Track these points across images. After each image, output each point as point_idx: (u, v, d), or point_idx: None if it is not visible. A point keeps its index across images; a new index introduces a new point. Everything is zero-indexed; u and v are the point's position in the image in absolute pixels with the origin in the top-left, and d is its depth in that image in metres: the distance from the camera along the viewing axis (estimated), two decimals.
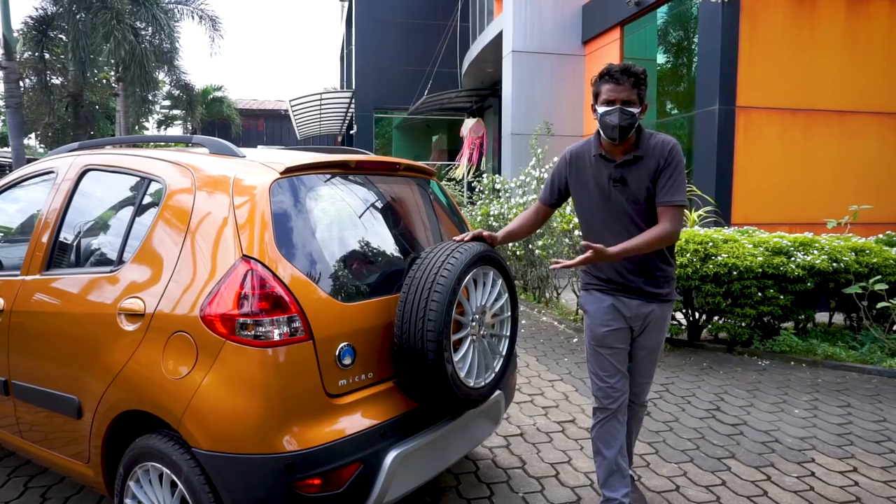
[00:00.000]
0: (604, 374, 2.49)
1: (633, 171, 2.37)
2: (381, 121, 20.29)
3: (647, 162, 2.35)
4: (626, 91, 2.29)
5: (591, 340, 2.53)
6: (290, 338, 1.92)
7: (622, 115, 2.28)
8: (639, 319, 2.47)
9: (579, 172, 2.50)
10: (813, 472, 3.12)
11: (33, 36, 17.01)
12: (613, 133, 2.32)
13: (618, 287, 2.46)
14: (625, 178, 2.37)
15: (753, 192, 7.92)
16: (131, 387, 2.07)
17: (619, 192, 2.38)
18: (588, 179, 2.47)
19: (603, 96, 2.34)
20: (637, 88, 2.31)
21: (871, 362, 4.91)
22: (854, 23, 8.15)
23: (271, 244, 1.98)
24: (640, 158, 2.35)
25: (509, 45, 11.54)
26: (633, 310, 2.45)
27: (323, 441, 1.94)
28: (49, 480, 2.98)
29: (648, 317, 2.47)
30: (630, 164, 2.37)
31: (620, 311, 2.46)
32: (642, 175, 2.35)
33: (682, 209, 2.33)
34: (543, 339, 5.94)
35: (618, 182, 2.38)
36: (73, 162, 2.70)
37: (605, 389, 2.49)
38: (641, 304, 2.45)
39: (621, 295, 2.45)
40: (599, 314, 2.48)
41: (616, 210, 2.40)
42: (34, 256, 2.58)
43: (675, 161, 2.33)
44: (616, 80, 2.30)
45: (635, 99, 2.30)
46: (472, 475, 3.06)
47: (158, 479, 2.07)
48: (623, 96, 2.29)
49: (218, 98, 30.89)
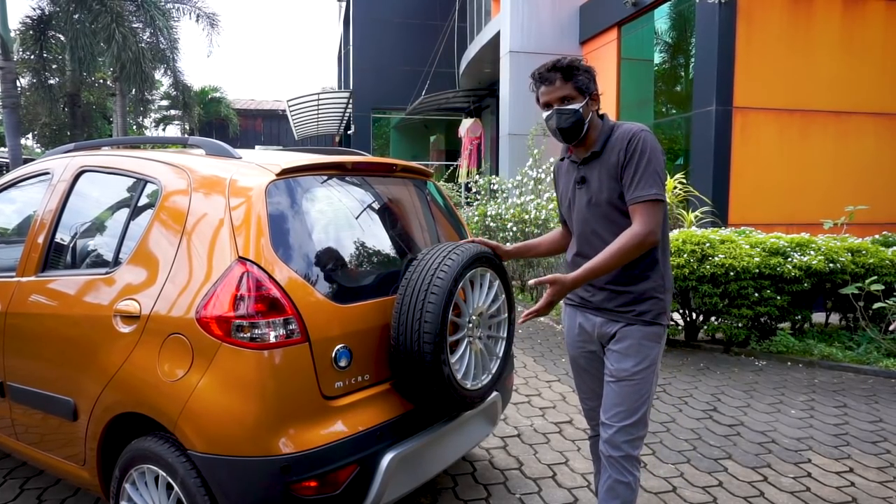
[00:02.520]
0: (582, 395, 2.35)
1: (593, 169, 2.08)
2: (378, 121, 20.29)
3: (607, 156, 2.04)
4: (560, 89, 2.03)
5: (569, 360, 2.37)
6: (287, 340, 1.91)
7: (560, 115, 2.04)
8: (603, 338, 2.13)
9: (558, 180, 2.32)
10: (809, 473, 3.12)
11: (31, 35, 16.96)
12: (558, 136, 2.09)
13: (581, 301, 2.19)
14: (585, 178, 2.11)
15: (750, 192, 7.93)
16: (127, 389, 2.07)
17: (583, 194, 2.11)
18: (564, 186, 2.25)
19: (541, 101, 2.10)
20: (571, 81, 2.02)
21: (868, 363, 4.93)
22: (850, 23, 8.17)
23: (267, 246, 1.97)
24: (599, 154, 2.06)
25: (507, 46, 11.54)
26: (597, 327, 2.13)
27: (319, 443, 1.93)
28: (45, 482, 2.97)
29: (613, 338, 2.08)
30: (590, 162, 2.10)
31: (586, 329, 2.18)
32: (601, 172, 2.05)
33: (658, 205, 1.94)
34: (541, 339, 5.94)
35: (580, 183, 2.12)
36: (68, 163, 2.69)
37: (586, 412, 2.37)
38: (605, 323, 2.10)
39: (587, 311, 2.17)
40: (570, 334, 2.28)
41: (580, 215, 2.13)
42: (30, 258, 2.58)
43: (639, 150, 1.96)
44: (544, 80, 2.07)
45: (573, 94, 2.02)
46: (469, 476, 3.05)
47: (154, 482, 2.07)
48: (556, 95, 2.04)
49: (216, 98, 30.88)
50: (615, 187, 2.02)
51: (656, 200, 1.94)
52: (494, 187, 8.73)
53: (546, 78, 2.06)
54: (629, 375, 2.03)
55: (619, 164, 2.00)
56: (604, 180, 2.04)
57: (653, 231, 1.93)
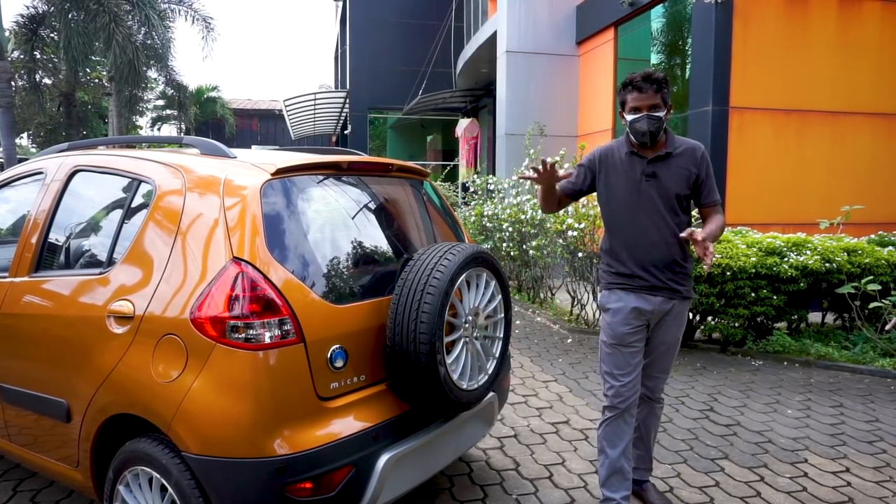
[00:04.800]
0: (619, 372, 2.53)
1: (663, 167, 2.51)
2: (375, 121, 20.26)
3: (678, 160, 2.51)
4: (651, 97, 2.43)
5: (610, 339, 2.57)
6: (281, 340, 1.90)
7: (650, 120, 2.43)
8: (659, 315, 2.55)
9: (609, 170, 2.60)
10: (806, 473, 3.12)
11: (24, 35, 16.88)
12: (644, 138, 2.46)
13: (642, 284, 2.53)
14: (656, 174, 2.50)
15: (747, 192, 7.94)
16: (121, 390, 2.05)
17: (651, 187, 2.50)
18: (619, 176, 2.57)
19: (629, 104, 2.48)
20: (660, 93, 2.44)
21: (864, 362, 4.93)
22: (847, 24, 8.18)
23: (262, 246, 1.96)
24: (671, 155, 2.51)
25: (503, 46, 11.53)
26: (656, 306, 2.52)
27: (314, 444, 1.92)
28: (38, 484, 2.95)
29: (669, 313, 2.56)
30: (661, 161, 2.51)
31: (642, 309, 2.52)
32: (673, 171, 2.50)
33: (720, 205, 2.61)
34: (538, 339, 5.93)
35: (650, 177, 2.51)
36: (62, 162, 2.67)
37: (617, 388, 2.53)
38: (664, 301, 2.53)
39: (645, 292, 2.53)
40: (622, 313, 2.54)
41: (646, 204, 2.51)
42: (23, 258, 2.56)
43: (709, 164, 2.56)
44: (639, 89, 2.44)
45: (660, 103, 2.44)
46: (465, 477, 3.04)
47: (148, 484, 2.05)
48: (648, 102, 2.43)
49: (212, 98, 30.81)
50: (684, 187, 2.51)
51: (720, 202, 2.61)
52: (491, 187, 8.72)
53: (641, 87, 2.44)
54: (676, 341, 2.65)
55: (691, 172, 2.51)
56: (674, 179, 2.51)
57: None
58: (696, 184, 2.54)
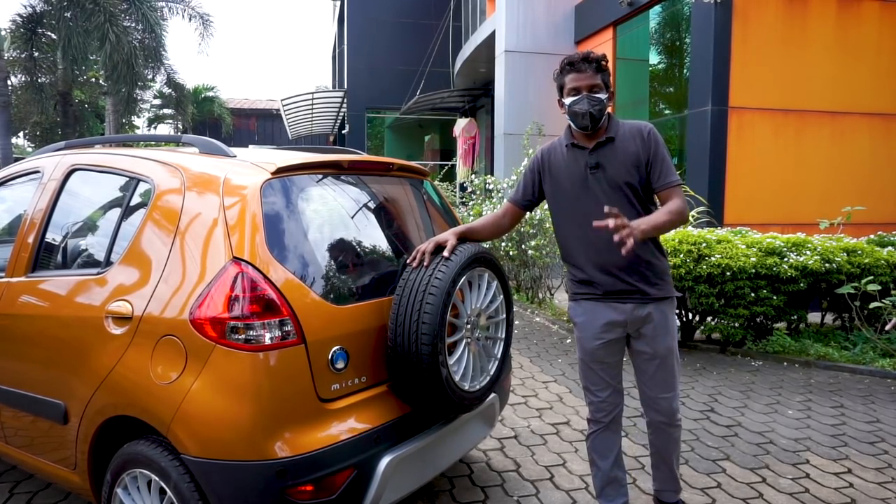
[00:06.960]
0: (595, 388, 2.42)
1: (608, 156, 2.29)
2: (373, 120, 20.22)
3: (622, 144, 2.28)
4: (590, 77, 2.24)
5: (580, 354, 2.44)
6: (282, 341, 1.88)
7: (590, 101, 2.23)
8: (636, 324, 2.32)
9: (552, 168, 2.41)
10: (808, 474, 3.11)
11: (22, 34, 16.81)
12: (585, 121, 2.25)
13: (607, 291, 2.31)
14: (600, 164, 2.29)
15: (746, 192, 7.93)
16: (119, 391, 2.03)
17: (597, 180, 2.29)
18: (561, 173, 2.37)
19: (568, 86, 2.28)
20: (600, 73, 2.26)
21: (864, 363, 4.93)
22: (846, 24, 8.18)
23: (262, 246, 1.94)
24: (613, 140, 2.29)
25: (502, 45, 11.51)
26: (627, 314, 2.31)
27: (315, 447, 1.90)
28: (35, 486, 2.93)
29: (647, 320, 2.31)
30: (604, 149, 2.29)
31: (613, 321, 2.32)
32: (619, 158, 2.27)
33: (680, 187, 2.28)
34: (537, 339, 5.92)
35: (594, 168, 2.29)
36: (59, 161, 2.64)
37: (597, 403, 2.43)
38: (636, 307, 2.30)
39: (613, 300, 2.31)
40: (590, 327, 2.36)
41: (595, 198, 2.28)
42: (19, 257, 2.53)
43: (659, 142, 2.29)
44: (578, 69, 2.26)
45: (600, 84, 2.25)
46: (466, 479, 3.03)
47: (147, 486, 2.03)
48: (588, 83, 2.24)
49: (209, 97, 30.71)
50: (634, 173, 2.27)
51: (680, 183, 2.29)
52: (490, 187, 8.70)
53: (580, 67, 2.26)
54: (667, 352, 2.34)
55: (639, 154, 2.27)
56: (621, 166, 2.27)
57: (687, 208, 2.24)
58: (647, 167, 2.27)
